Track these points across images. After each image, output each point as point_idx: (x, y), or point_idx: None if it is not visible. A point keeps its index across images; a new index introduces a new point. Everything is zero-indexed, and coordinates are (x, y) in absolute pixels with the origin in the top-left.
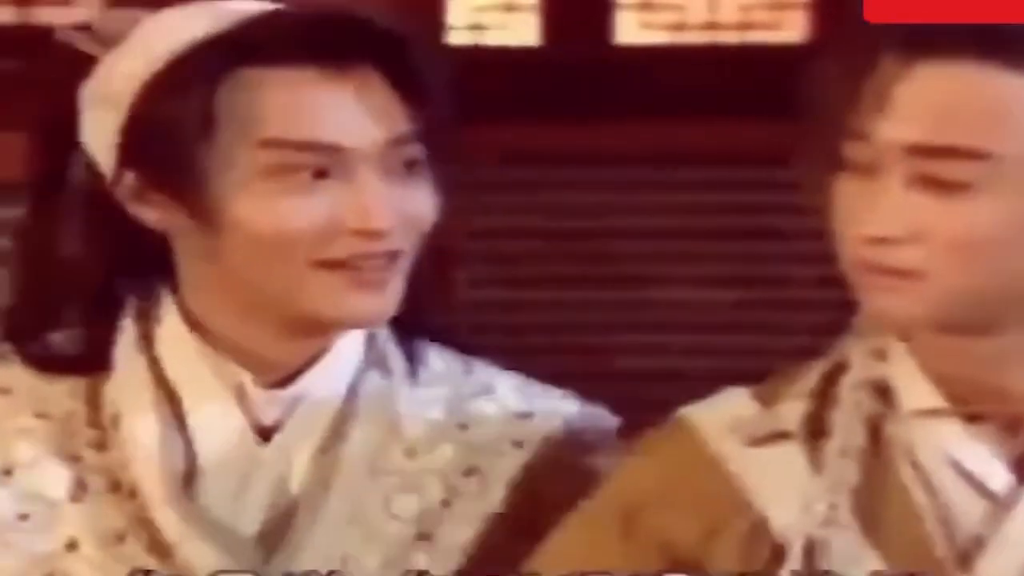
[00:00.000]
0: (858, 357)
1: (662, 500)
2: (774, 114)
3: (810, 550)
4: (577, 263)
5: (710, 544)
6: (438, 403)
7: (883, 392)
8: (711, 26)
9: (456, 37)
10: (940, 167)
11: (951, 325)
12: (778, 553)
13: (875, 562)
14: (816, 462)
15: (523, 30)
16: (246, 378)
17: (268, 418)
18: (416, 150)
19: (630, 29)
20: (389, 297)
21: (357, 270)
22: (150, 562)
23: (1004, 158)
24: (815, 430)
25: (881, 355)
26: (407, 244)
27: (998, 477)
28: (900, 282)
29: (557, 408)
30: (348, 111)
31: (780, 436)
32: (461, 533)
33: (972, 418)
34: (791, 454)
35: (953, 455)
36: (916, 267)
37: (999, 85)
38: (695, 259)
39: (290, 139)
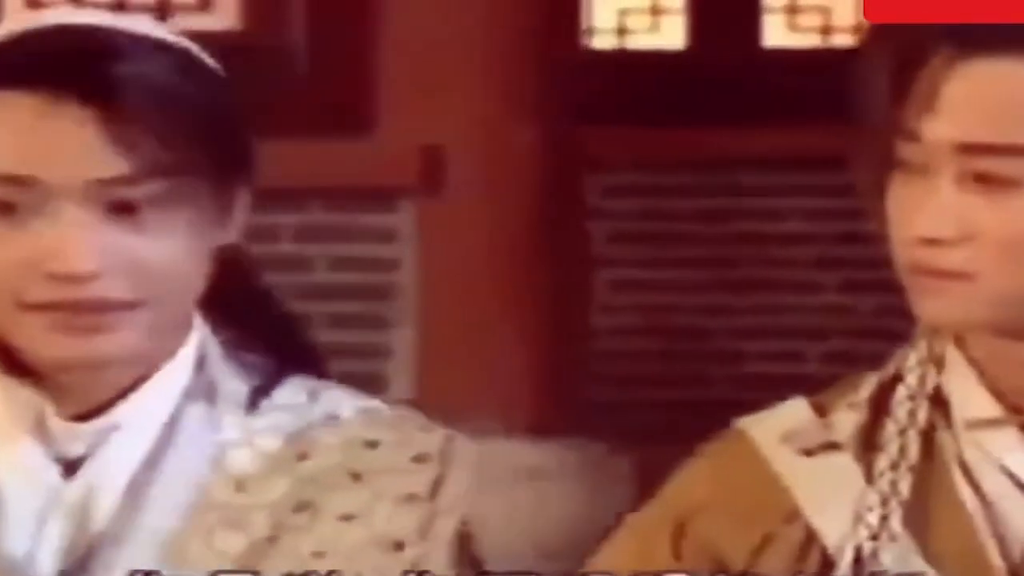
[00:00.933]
0: (914, 366)
1: (713, 509)
2: None
3: (860, 562)
4: (715, 268)
5: (760, 554)
6: (277, 433)
7: (938, 402)
8: (859, 29)
9: (601, 40)
10: (990, 165)
11: (1004, 329)
12: (828, 564)
13: (927, 574)
14: (869, 473)
15: (670, 33)
16: (46, 408)
17: (74, 451)
18: (140, 192)
19: (778, 32)
20: (107, 344)
21: (62, 314)
22: None
23: None
24: (869, 440)
25: (938, 364)
26: (131, 293)
27: None
28: (950, 284)
29: (406, 438)
30: (56, 145)
31: (831, 446)
32: (285, 568)
33: None
34: (842, 465)
35: (1008, 465)
36: (966, 268)
37: None
38: (834, 264)
39: None
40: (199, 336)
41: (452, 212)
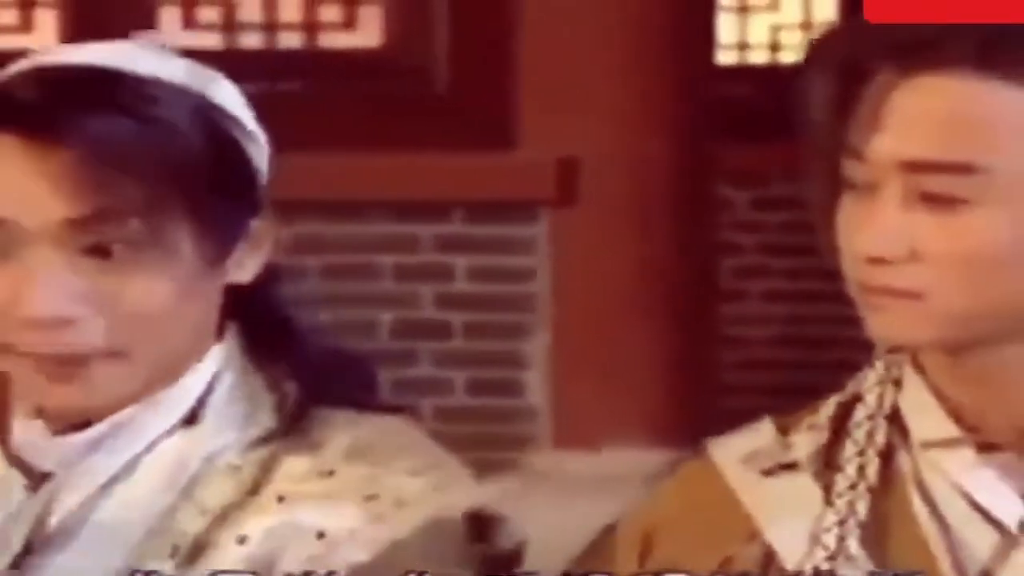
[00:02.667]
0: (872, 387)
1: (677, 529)
2: None
3: None
4: None
5: (721, 574)
6: (261, 463)
7: (897, 422)
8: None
9: (755, 56)
10: (937, 182)
11: (957, 347)
12: None
13: None
14: (828, 493)
15: None
16: (21, 421)
17: (45, 466)
18: (112, 233)
19: None
20: (85, 394)
21: (41, 359)
22: None
23: (1002, 172)
24: (829, 461)
25: (896, 384)
26: (107, 339)
27: (1010, 508)
28: (901, 302)
29: (373, 475)
30: (26, 185)
31: (790, 467)
32: None
33: (986, 446)
34: (800, 485)
35: (964, 486)
36: (916, 287)
37: (997, 97)
38: None
39: None
40: (213, 364)
41: (588, 223)
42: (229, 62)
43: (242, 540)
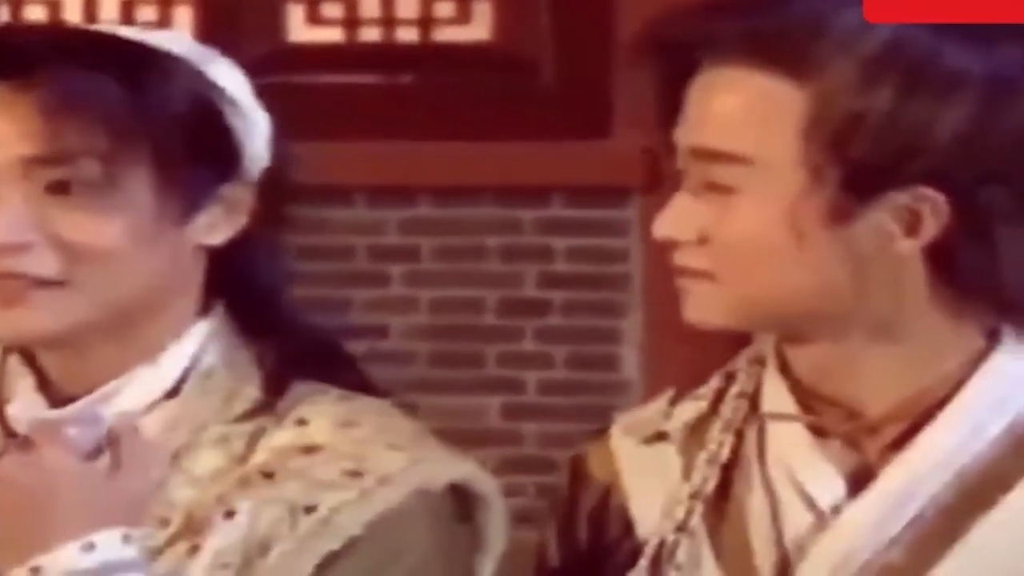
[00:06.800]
0: (744, 366)
1: (583, 495)
2: None
3: (660, 553)
4: None
5: (600, 539)
6: (243, 438)
7: (756, 401)
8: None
9: None
10: (716, 171)
11: (785, 335)
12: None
13: (713, 569)
14: (690, 465)
15: None
16: (20, 396)
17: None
18: (71, 172)
19: None
20: (36, 319)
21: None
22: None
23: (770, 164)
24: (699, 434)
25: (762, 364)
26: (55, 270)
27: (828, 491)
28: (700, 283)
29: (355, 452)
30: (3, 128)
31: (661, 436)
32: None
33: (821, 431)
34: (666, 455)
35: (792, 465)
36: (706, 267)
37: (769, 90)
38: None
39: None
40: (198, 339)
41: None
42: (350, 55)
43: (229, 514)
